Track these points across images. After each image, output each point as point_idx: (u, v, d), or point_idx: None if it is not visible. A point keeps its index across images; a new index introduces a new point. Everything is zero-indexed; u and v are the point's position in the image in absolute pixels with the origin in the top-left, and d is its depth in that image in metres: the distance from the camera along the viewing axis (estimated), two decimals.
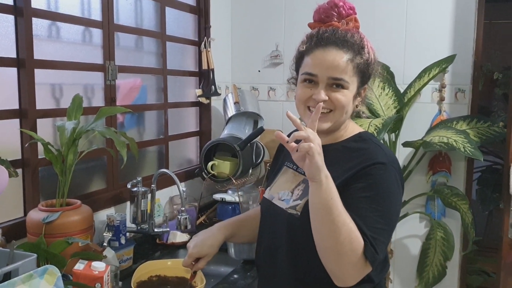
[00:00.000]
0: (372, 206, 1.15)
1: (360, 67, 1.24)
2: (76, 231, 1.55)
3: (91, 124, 1.62)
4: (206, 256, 1.43)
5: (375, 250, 1.12)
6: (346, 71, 1.21)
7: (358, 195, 1.17)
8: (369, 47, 1.27)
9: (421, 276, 2.60)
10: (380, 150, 1.25)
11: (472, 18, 2.49)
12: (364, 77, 1.27)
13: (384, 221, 1.16)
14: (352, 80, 1.23)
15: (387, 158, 1.22)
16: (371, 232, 1.13)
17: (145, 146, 2.34)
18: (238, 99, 2.59)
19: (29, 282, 1.07)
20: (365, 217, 1.14)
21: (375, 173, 1.18)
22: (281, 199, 1.30)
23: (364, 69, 1.26)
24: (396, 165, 1.24)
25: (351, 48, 1.23)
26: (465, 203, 2.41)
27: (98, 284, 1.35)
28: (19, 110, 1.68)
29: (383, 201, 1.17)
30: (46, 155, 1.58)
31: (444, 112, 2.56)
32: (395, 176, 1.21)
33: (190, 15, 2.66)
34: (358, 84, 1.26)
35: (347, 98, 1.23)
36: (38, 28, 1.73)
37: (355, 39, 1.25)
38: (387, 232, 1.17)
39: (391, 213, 1.19)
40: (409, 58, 2.60)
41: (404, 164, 2.60)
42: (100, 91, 2.02)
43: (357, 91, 1.26)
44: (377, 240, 1.13)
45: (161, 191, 2.30)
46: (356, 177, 1.19)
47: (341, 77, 1.21)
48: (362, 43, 1.26)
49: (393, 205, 1.20)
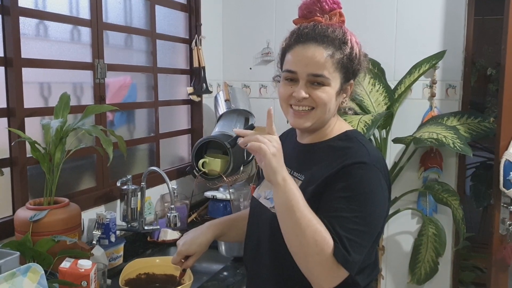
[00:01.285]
0: (351, 207, 1.11)
1: (342, 62, 1.20)
2: (63, 229, 1.55)
3: (77, 123, 1.62)
4: (195, 254, 1.43)
5: (347, 252, 1.08)
6: (326, 67, 1.18)
7: (336, 195, 1.13)
8: (353, 42, 1.23)
9: (413, 272, 2.61)
10: (364, 149, 1.20)
11: (462, 14, 2.49)
12: (347, 72, 1.23)
13: (362, 222, 1.11)
14: (333, 76, 1.20)
15: (370, 157, 1.18)
16: (345, 233, 1.09)
17: (136, 144, 2.34)
18: (229, 96, 2.59)
19: (11, 280, 1.07)
20: (341, 218, 1.11)
21: (356, 173, 1.14)
22: (267, 197, 1.30)
23: (347, 65, 1.22)
24: (380, 165, 1.19)
25: (332, 43, 1.19)
26: (456, 199, 2.42)
27: (84, 282, 1.35)
28: (7, 109, 1.68)
29: (363, 201, 1.13)
30: (33, 154, 1.58)
31: (435, 108, 2.57)
32: (378, 176, 1.17)
33: (181, 13, 2.66)
34: (341, 80, 1.22)
35: (328, 95, 1.20)
36: (25, 27, 1.73)
37: (336, 34, 1.21)
38: (366, 234, 1.13)
39: (371, 214, 1.14)
40: (399, 54, 2.61)
41: (395, 160, 2.61)
42: (90, 89, 2.02)
43: (341, 87, 1.23)
44: (352, 241, 1.09)
45: (153, 189, 2.31)
46: (336, 176, 1.15)
47: (320, 73, 1.18)
48: (344, 37, 1.22)
49: (375, 206, 1.15)
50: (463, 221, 2.40)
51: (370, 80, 2.51)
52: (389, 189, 1.23)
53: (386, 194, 1.19)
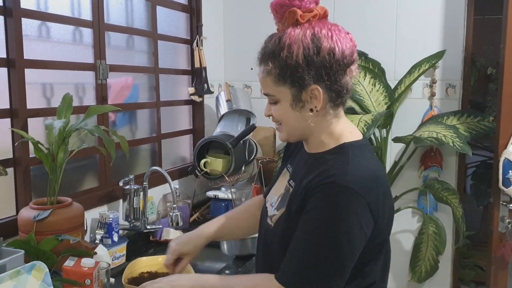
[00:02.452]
0: (307, 232, 1.08)
1: (281, 74, 1.11)
2: (66, 228, 1.57)
3: (80, 123, 1.64)
4: (188, 255, 1.43)
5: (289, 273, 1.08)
6: (267, 84, 1.15)
7: (303, 216, 1.10)
8: (294, 47, 1.09)
9: (413, 271, 2.62)
10: (346, 170, 1.08)
11: (462, 14, 2.50)
12: (294, 80, 1.11)
13: (313, 250, 1.06)
14: (278, 91, 1.14)
15: (347, 177, 1.06)
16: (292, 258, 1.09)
17: (138, 144, 2.36)
18: (230, 97, 2.61)
19: (16, 278, 1.09)
20: (297, 241, 1.09)
21: (321, 193, 1.07)
22: (271, 204, 1.28)
23: (289, 73, 1.10)
24: (363, 190, 1.05)
25: (268, 58, 1.12)
26: (456, 197, 2.43)
27: (87, 280, 1.37)
28: (10, 109, 1.69)
29: (318, 227, 1.06)
30: (36, 154, 1.59)
31: (435, 108, 2.58)
32: (354, 202, 1.04)
33: (182, 14, 2.68)
34: (293, 91, 1.12)
35: (279, 112, 1.16)
36: (28, 28, 1.75)
37: (272, 45, 1.12)
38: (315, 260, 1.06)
39: (329, 242, 1.05)
40: (399, 54, 2.62)
41: (395, 159, 2.62)
42: (92, 90, 2.04)
43: (295, 98, 1.13)
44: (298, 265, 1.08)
45: (155, 188, 2.32)
46: (307, 194, 1.10)
47: (266, 93, 1.17)
48: (279, 46, 1.11)
49: (342, 234, 1.05)
50: (463, 219, 2.42)
51: (370, 80, 2.52)
52: (382, 211, 1.11)
53: (362, 220, 1.06)
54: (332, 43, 1.10)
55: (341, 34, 1.12)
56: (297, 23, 1.12)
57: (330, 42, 1.10)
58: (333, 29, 1.12)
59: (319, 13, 1.13)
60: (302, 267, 1.07)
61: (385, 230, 1.16)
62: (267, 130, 2.81)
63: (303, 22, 1.12)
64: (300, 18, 1.11)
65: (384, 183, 1.15)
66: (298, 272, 1.07)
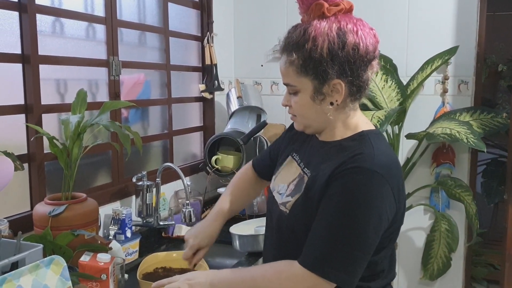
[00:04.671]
0: (334, 213, 1.08)
1: (305, 65, 1.12)
2: (81, 224, 1.57)
3: (95, 118, 1.64)
4: (205, 247, 1.45)
5: (314, 257, 1.08)
6: (289, 74, 1.15)
7: (326, 199, 1.10)
8: (319, 40, 1.09)
9: (425, 268, 2.61)
10: (371, 152, 1.10)
11: (474, 10, 2.49)
12: (317, 73, 1.11)
13: (340, 232, 1.07)
14: (300, 82, 1.14)
15: (374, 162, 1.08)
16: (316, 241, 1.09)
17: (150, 141, 2.36)
18: (241, 93, 2.60)
19: (35, 272, 1.09)
20: (321, 222, 1.10)
21: (349, 178, 1.08)
22: (279, 192, 1.29)
23: (312, 66, 1.11)
24: (388, 173, 1.08)
25: (292, 48, 1.13)
26: (469, 194, 2.41)
27: (103, 275, 1.37)
28: (25, 105, 1.70)
29: (348, 209, 1.07)
30: (52, 149, 1.60)
31: (447, 104, 2.56)
32: (380, 186, 1.07)
33: (193, 11, 2.68)
34: (315, 83, 1.13)
35: (299, 104, 1.17)
36: (42, 24, 1.75)
37: (296, 36, 1.13)
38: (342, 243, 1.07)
39: (356, 223, 1.06)
40: (411, 50, 2.61)
41: (407, 156, 2.61)
42: (104, 86, 2.04)
43: (316, 90, 1.13)
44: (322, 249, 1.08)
45: (166, 185, 2.32)
46: (332, 179, 1.11)
47: (287, 82, 1.17)
48: (304, 37, 1.11)
49: (363, 216, 1.06)
50: (476, 217, 2.40)
51: (382, 76, 2.51)
52: (401, 197, 1.14)
53: (387, 205, 1.09)
54: (357, 38, 1.10)
55: (365, 29, 1.13)
56: (323, 16, 1.12)
57: (356, 37, 1.10)
58: (358, 24, 1.12)
59: (345, 7, 1.14)
60: (326, 251, 1.08)
61: (402, 217, 1.18)
62: (278, 127, 2.80)
63: (329, 16, 1.12)
64: (326, 11, 1.11)
65: (401, 171, 1.18)
66: (322, 255, 1.08)
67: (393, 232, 1.17)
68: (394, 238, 1.20)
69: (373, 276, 1.19)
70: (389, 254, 1.23)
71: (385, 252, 1.19)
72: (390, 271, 1.25)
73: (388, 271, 1.24)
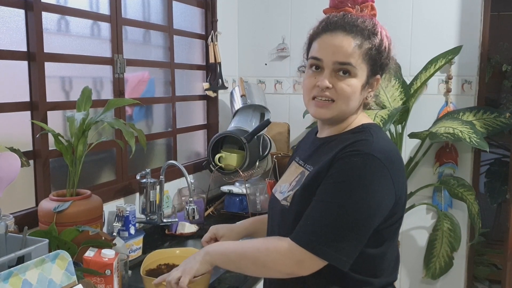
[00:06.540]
0: (332, 193, 1.09)
1: (370, 54, 1.15)
2: (86, 220, 1.58)
3: (100, 115, 1.65)
4: (222, 237, 1.48)
5: (309, 234, 1.09)
6: (353, 56, 1.13)
7: (325, 181, 1.12)
8: (383, 35, 1.18)
9: (428, 267, 2.62)
10: (370, 140, 1.13)
11: (478, 9, 2.49)
12: (375, 65, 1.17)
13: (340, 210, 1.08)
14: (360, 67, 1.15)
15: (372, 147, 1.10)
16: (313, 219, 1.10)
17: (154, 139, 2.37)
18: (244, 92, 2.61)
19: (41, 266, 1.10)
20: (319, 203, 1.11)
21: (348, 160, 1.09)
22: (281, 191, 1.30)
23: (375, 57, 1.17)
24: (386, 158, 1.10)
25: (361, 33, 1.15)
26: (472, 194, 2.42)
27: (108, 271, 1.38)
28: (30, 102, 1.71)
29: (348, 188, 1.07)
30: (57, 146, 1.61)
31: (450, 104, 2.57)
32: (379, 170, 1.08)
33: (197, 9, 2.69)
34: (368, 73, 1.17)
35: (352, 88, 1.15)
36: (47, 22, 1.77)
37: (366, 24, 1.17)
38: (341, 221, 1.07)
39: (357, 202, 1.07)
40: (415, 50, 2.61)
41: (410, 155, 2.61)
42: (109, 84, 2.05)
43: (367, 80, 1.17)
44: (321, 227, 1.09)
45: (170, 183, 2.34)
46: (331, 163, 1.12)
47: (347, 61, 1.13)
48: (374, 29, 1.17)
49: (365, 194, 1.07)
50: (479, 216, 2.40)
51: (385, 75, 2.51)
52: (401, 187, 1.15)
53: (384, 189, 1.09)
54: (390, 42, 1.23)
55: None
56: (373, 15, 1.24)
57: (390, 41, 1.23)
58: None
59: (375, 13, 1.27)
60: (318, 228, 1.09)
61: (403, 207, 1.19)
62: (281, 125, 2.82)
63: (375, 17, 1.24)
64: (376, 14, 1.26)
65: (402, 162, 1.20)
66: (313, 231, 1.09)
67: (393, 224, 1.17)
68: (395, 231, 1.20)
69: (377, 272, 1.19)
70: (395, 255, 1.24)
71: (388, 245, 1.18)
72: (393, 271, 1.25)
73: (392, 270, 1.24)
